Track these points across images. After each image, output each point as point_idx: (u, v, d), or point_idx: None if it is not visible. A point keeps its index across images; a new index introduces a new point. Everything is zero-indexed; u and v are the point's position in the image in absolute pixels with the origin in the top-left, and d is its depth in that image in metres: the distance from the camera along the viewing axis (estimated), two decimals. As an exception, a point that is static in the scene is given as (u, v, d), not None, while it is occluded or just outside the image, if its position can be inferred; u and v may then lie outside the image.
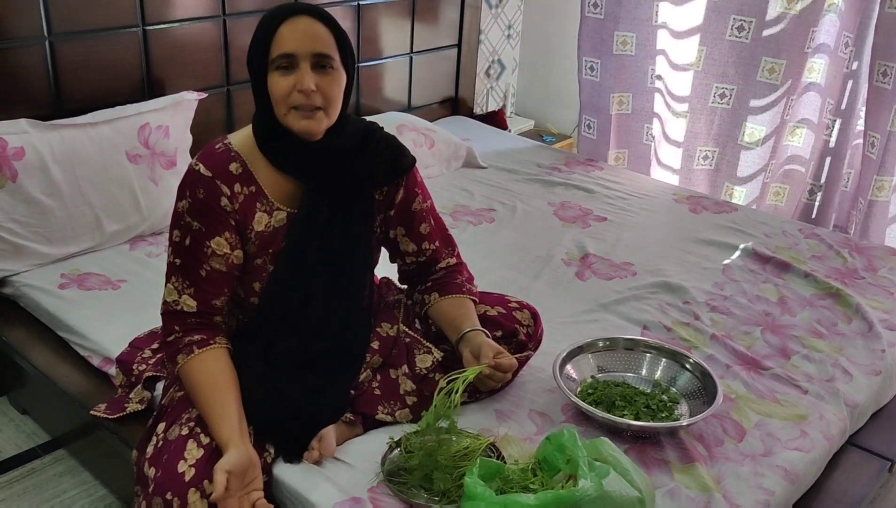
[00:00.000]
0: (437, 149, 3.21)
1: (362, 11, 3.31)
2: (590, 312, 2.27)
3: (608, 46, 3.58)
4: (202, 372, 1.56)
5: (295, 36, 1.53)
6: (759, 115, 3.37)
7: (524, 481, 1.50)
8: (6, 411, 2.45)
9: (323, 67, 1.55)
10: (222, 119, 2.98)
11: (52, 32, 2.46)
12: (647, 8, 3.47)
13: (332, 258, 1.69)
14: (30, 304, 2.27)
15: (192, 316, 1.61)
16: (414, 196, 1.81)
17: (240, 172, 1.61)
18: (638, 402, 1.79)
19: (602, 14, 3.55)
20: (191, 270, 1.60)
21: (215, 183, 1.59)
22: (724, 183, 3.56)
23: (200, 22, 2.80)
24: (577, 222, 2.85)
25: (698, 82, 3.48)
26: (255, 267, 1.67)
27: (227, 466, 1.41)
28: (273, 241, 1.65)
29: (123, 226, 2.49)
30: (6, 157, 2.26)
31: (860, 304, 2.32)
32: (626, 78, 3.63)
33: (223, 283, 1.63)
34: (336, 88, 1.58)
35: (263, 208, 1.63)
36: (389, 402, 1.72)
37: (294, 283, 1.67)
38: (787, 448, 1.76)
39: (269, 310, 1.69)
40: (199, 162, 1.61)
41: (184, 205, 1.60)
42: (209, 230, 1.59)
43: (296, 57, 1.53)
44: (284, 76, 1.54)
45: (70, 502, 2.14)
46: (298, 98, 1.54)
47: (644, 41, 3.53)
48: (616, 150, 3.78)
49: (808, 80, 3.29)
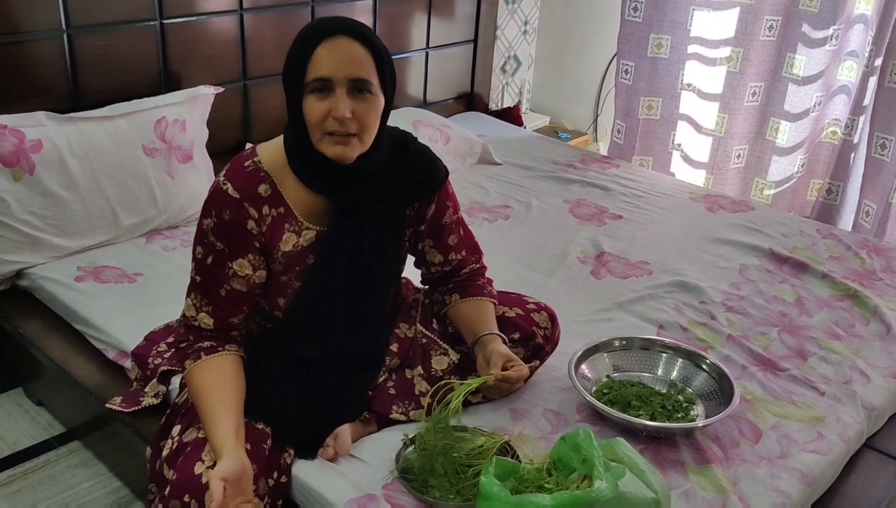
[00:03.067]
0: (452, 145, 3.20)
1: (379, 7, 3.30)
2: (605, 311, 2.26)
3: (643, 49, 3.60)
4: (205, 377, 1.55)
5: (332, 59, 1.45)
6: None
7: (539, 480, 1.49)
8: (21, 402, 2.46)
9: (360, 91, 1.48)
10: (239, 114, 2.98)
11: (70, 25, 2.47)
12: (683, 11, 3.49)
13: (360, 275, 1.66)
14: (46, 296, 2.27)
15: (208, 331, 1.60)
16: (445, 210, 1.77)
17: (268, 194, 1.56)
18: (654, 402, 1.78)
19: (640, 17, 3.56)
20: (211, 289, 1.58)
21: (243, 205, 1.54)
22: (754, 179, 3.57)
23: (218, 16, 2.81)
24: (593, 220, 2.84)
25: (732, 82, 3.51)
26: (280, 283, 1.65)
27: (223, 473, 1.38)
28: (301, 260, 1.63)
29: (140, 219, 2.50)
30: (24, 149, 2.27)
31: (878, 305, 2.31)
32: (658, 82, 3.65)
33: (242, 302, 1.61)
34: (373, 114, 1.51)
35: (292, 228, 1.60)
36: (404, 402, 1.72)
37: (320, 299, 1.65)
38: (803, 450, 1.75)
39: (293, 323, 1.68)
40: (227, 181, 1.55)
41: (209, 223, 1.56)
42: (232, 252, 1.56)
43: (332, 81, 1.46)
44: (320, 100, 1.47)
45: (84, 494, 2.15)
46: (333, 124, 1.47)
47: (678, 44, 3.55)
48: (640, 156, 3.78)
49: (841, 78, 3.31)
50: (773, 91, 3.42)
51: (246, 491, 1.43)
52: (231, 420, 1.49)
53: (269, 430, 1.58)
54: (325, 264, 1.63)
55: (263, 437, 1.57)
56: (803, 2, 3.22)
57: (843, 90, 3.30)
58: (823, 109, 3.34)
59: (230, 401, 1.52)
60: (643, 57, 3.62)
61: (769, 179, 3.52)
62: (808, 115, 3.33)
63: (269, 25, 2.95)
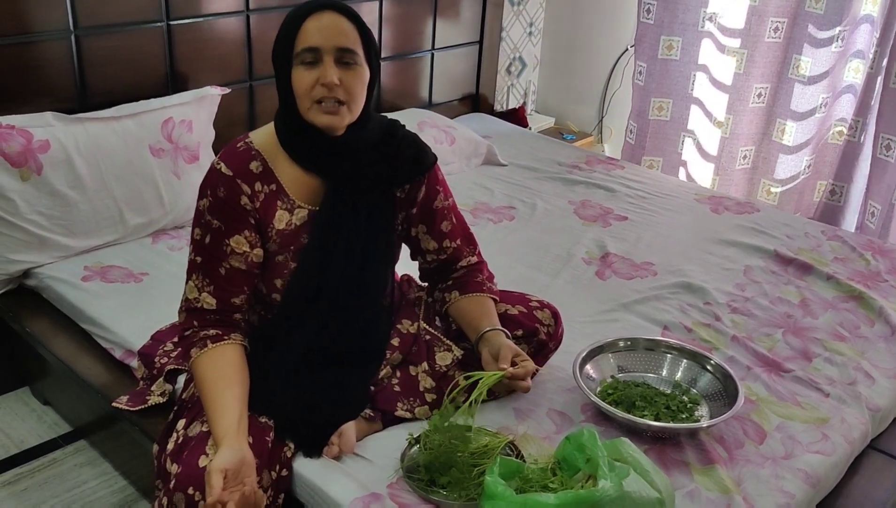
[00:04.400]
0: (457, 146, 3.21)
1: (385, 7, 3.31)
2: (610, 311, 2.26)
3: (654, 51, 3.63)
4: (209, 367, 1.56)
5: (319, 30, 1.53)
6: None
7: (543, 480, 1.50)
8: (28, 401, 2.47)
9: (347, 62, 1.55)
10: (245, 114, 2.99)
11: (77, 26, 2.48)
12: (695, 13, 3.50)
13: (354, 256, 1.69)
14: (53, 296, 2.29)
15: (211, 313, 1.61)
16: (435, 194, 1.80)
17: (260, 171, 1.62)
18: (658, 403, 1.78)
19: (653, 19, 3.59)
20: (211, 268, 1.61)
21: (236, 182, 1.59)
22: (761, 180, 3.58)
23: (224, 17, 2.82)
24: (598, 221, 2.84)
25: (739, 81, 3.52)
26: (277, 264, 1.67)
27: (222, 465, 1.39)
28: (294, 239, 1.66)
29: (146, 219, 2.51)
30: (32, 150, 2.28)
31: (883, 307, 2.31)
32: (669, 83, 3.67)
33: (243, 281, 1.63)
34: (359, 83, 1.58)
35: (284, 206, 1.64)
36: (409, 399, 1.72)
37: (316, 280, 1.67)
38: (808, 451, 1.75)
39: (290, 306, 1.70)
40: (220, 161, 1.61)
41: (205, 204, 1.61)
42: (229, 229, 1.60)
43: (320, 51, 1.53)
44: (308, 70, 1.54)
45: (90, 492, 2.16)
46: (321, 92, 1.54)
47: (689, 46, 3.57)
48: (650, 157, 3.80)
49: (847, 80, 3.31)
50: (779, 92, 3.42)
51: (248, 480, 1.43)
52: (234, 411, 1.50)
53: (271, 423, 1.59)
54: (319, 243, 1.66)
55: (266, 430, 1.58)
56: (809, 3, 3.23)
57: (849, 90, 3.30)
58: (830, 109, 3.34)
59: (234, 392, 1.54)
60: (654, 58, 3.64)
61: (776, 179, 3.52)
62: (814, 115, 3.33)
63: (275, 26, 2.88)
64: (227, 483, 1.38)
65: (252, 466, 1.46)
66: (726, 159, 3.63)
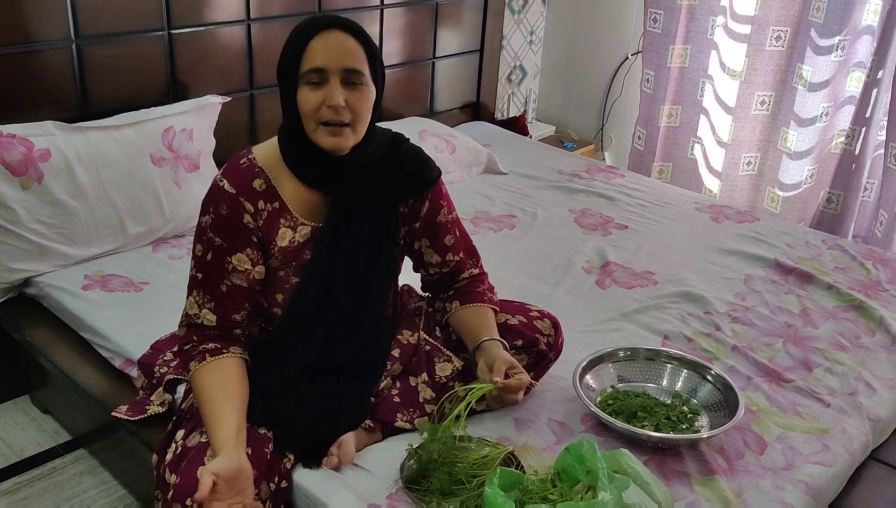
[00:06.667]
0: (458, 154, 3.21)
1: (385, 16, 3.32)
2: (610, 321, 2.26)
3: (663, 59, 3.64)
4: (208, 379, 1.56)
5: (326, 51, 1.51)
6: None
7: (543, 491, 1.50)
8: (28, 410, 2.47)
9: (353, 82, 1.54)
10: (246, 123, 2.99)
11: (79, 35, 2.48)
12: (703, 21, 3.52)
13: (357, 271, 1.68)
14: (53, 304, 2.29)
15: (211, 329, 1.61)
16: (439, 208, 1.79)
17: (263, 189, 1.61)
18: (658, 413, 1.78)
19: (660, 28, 3.60)
20: (212, 284, 1.61)
21: (238, 200, 1.58)
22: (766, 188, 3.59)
23: (226, 26, 2.82)
24: (598, 230, 2.84)
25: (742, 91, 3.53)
26: (278, 278, 1.67)
27: (215, 469, 1.38)
28: (297, 255, 1.65)
29: (146, 228, 2.51)
30: (32, 158, 2.29)
31: (884, 317, 2.30)
32: (678, 90, 3.69)
33: (244, 298, 1.63)
34: (365, 103, 1.57)
35: (287, 223, 1.63)
36: (408, 409, 1.72)
37: (318, 295, 1.67)
38: (808, 461, 1.75)
39: (292, 320, 1.69)
40: (223, 178, 1.60)
41: (207, 220, 1.60)
42: (231, 246, 1.60)
43: (326, 72, 1.52)
44: (314, 91, 1.53)
45: (90, 501, 2.16)
46: (327, 113, 1.53)
47: (698, 53, 3.59)
48: (661, 162, 3.80)
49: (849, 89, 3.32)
50: (782, 100, 3.42)
51: (244, 492, 1.43)
52: (233, 422, 1.50)
53: (270, 435, 1.59)
54: (322, 259, 1.65)
55: (265, 442, 1.57)
56: (812, 13, 3.23)
57: (851, 101, 3.30)
58: (832, 119, 3.33)
59: (233, 404, 1.53)
60: (663, 67, 3.66)
61: (779, 185, 3.52)
62: (816, 123, 3.33)
63: (276, 35, 2.96)
64: (219, 489, 1.37)
65: (250, 477, 1.46)
66: (729, 166, 3.63)
